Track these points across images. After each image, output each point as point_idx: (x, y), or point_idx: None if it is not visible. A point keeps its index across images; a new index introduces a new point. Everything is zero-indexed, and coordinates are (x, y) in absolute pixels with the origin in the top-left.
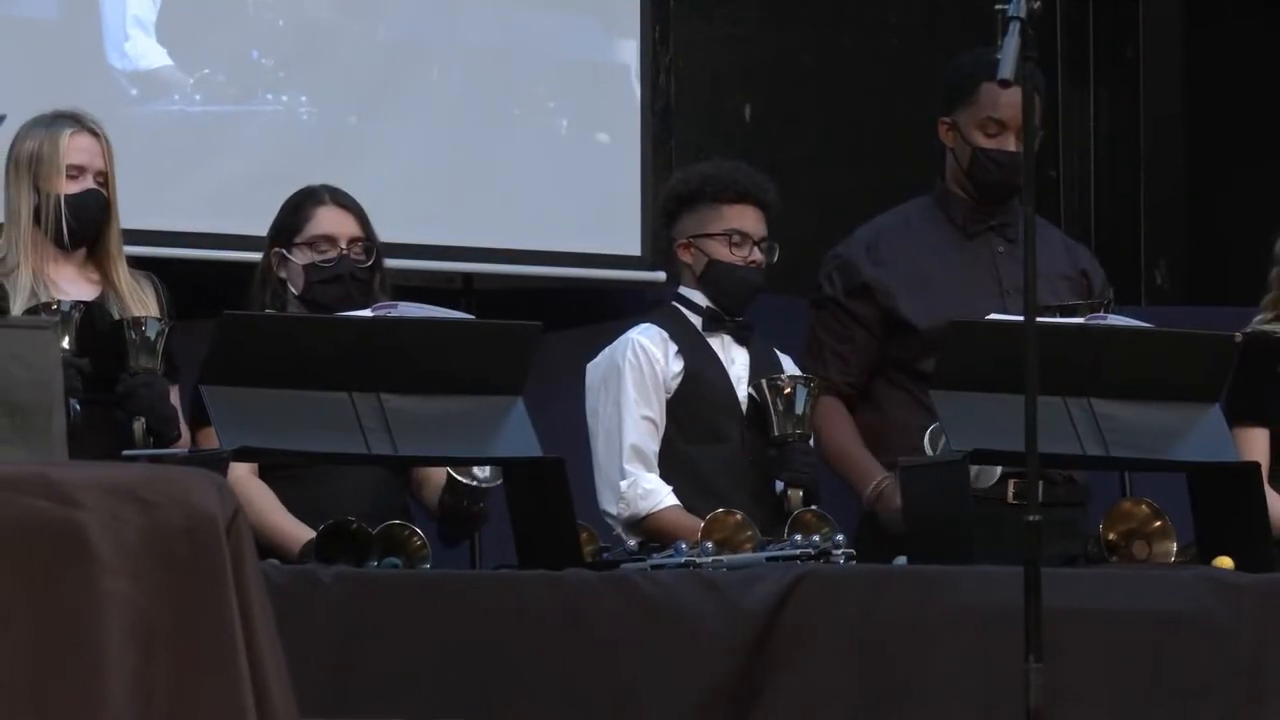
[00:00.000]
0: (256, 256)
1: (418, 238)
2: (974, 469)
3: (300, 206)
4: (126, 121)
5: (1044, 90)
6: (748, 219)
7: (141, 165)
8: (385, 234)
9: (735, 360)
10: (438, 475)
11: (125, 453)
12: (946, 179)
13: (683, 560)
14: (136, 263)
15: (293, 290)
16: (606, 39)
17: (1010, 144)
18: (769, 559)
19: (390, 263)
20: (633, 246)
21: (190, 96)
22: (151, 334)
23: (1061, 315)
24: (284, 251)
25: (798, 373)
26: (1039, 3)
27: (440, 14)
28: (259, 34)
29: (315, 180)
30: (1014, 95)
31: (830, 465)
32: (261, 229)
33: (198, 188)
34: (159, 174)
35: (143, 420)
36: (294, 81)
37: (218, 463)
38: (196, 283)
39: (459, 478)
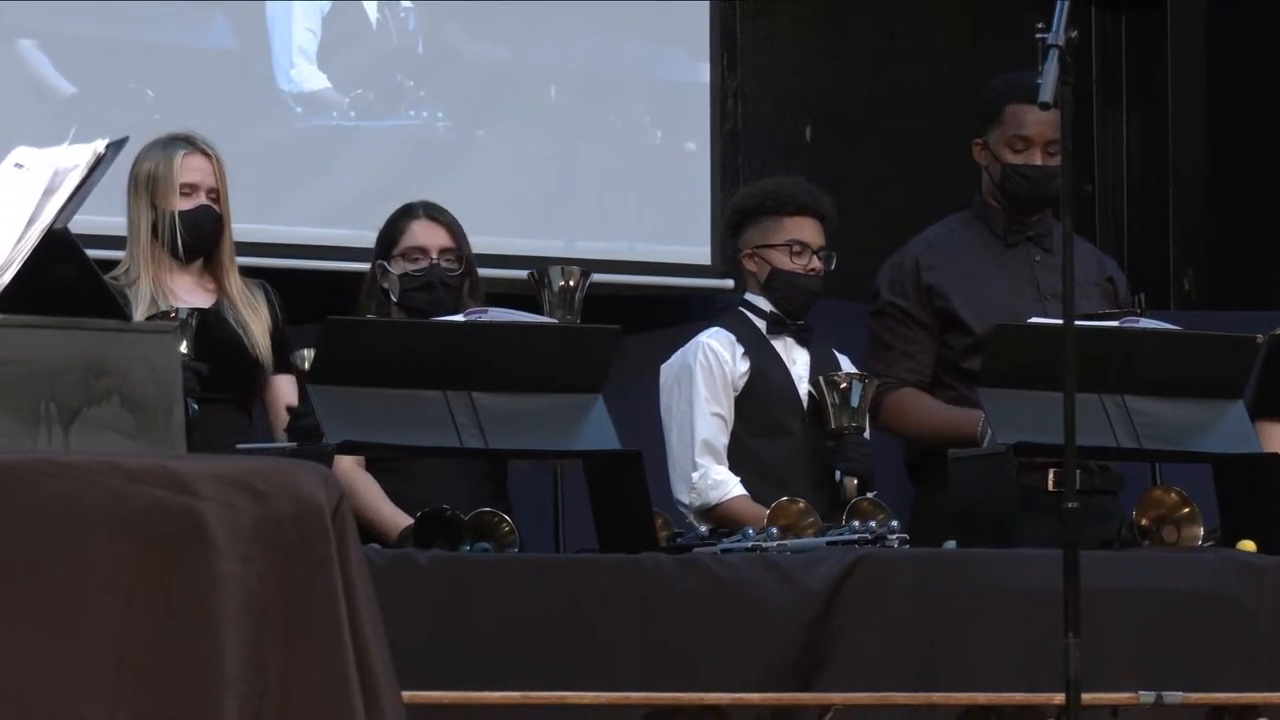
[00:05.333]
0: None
1: (511, 249)
2: None
3: (397, 222)
4: (294, 136)
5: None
6: (807, 230)
7: (307, 174)
8: (484, 245)
9: (797, 360)
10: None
11: (239, 446)
12: (983, 193)
13: (750, 545)
14: (271, 272)
15: (393, 298)
16: (683, 65)
17: (1036, 159)
18: (829, 543)
19: (486, 271)
20: (704, 256)
21: (346, 113)
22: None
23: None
24: (384, 263)
25: (854, 370)
26: (1076, 31)
27: (553, 39)
28: (401, 58)
29: (439, 188)
30: (1038, 114)
31: (927, 438)
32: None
33: (350, 191)
34: (319, 182)
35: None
36: (430, 99)
37: (323, 455)
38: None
39: None
